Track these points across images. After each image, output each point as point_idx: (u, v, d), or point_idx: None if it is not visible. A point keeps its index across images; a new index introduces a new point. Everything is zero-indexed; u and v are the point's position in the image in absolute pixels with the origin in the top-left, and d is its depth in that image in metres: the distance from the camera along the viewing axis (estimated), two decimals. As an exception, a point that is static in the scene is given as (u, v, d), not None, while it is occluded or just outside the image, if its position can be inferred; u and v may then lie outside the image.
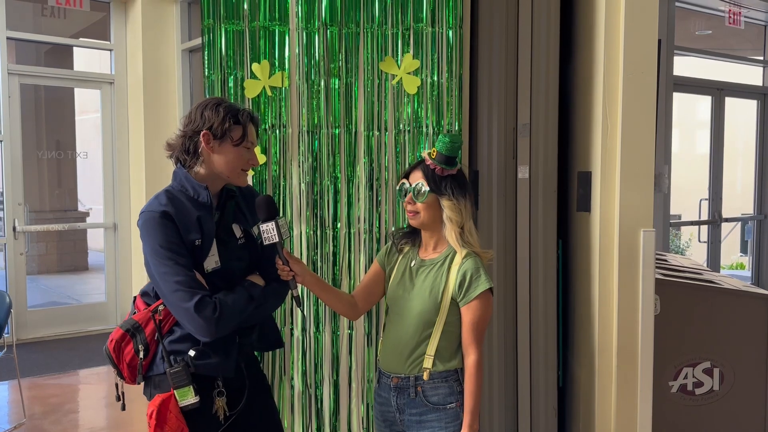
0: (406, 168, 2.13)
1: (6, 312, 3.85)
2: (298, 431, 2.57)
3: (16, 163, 5.77)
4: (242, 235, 1.93)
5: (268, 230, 1.83)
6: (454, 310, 1.92)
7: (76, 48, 7.06)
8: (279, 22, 2.49)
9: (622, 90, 2.45)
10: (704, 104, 6.78)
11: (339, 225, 2.56)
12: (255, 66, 2.48)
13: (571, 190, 2.75)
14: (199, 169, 1.86)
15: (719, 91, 6.31)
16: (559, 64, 2.66)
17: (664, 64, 4.96)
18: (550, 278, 2.68)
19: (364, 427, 2.58)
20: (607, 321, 2.52)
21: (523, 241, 2.67)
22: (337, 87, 2.52)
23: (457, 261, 1.93)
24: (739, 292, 3.05)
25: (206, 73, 2.47)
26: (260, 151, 2.49)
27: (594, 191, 2.56)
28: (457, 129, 2.52)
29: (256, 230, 1.94)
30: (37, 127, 7.29)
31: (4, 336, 3.91)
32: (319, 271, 2.55)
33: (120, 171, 6.17)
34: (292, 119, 2.52)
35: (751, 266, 7.15)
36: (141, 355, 1.81)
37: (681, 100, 6.20)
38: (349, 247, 2.56)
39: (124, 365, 1.83)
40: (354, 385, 2.57)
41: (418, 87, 2.52)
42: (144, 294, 1.91)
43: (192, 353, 1.80)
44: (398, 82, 2.53)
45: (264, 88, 2.49)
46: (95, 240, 7.40)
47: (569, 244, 2.79)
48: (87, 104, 7.47)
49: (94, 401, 4.49)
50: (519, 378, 2.70)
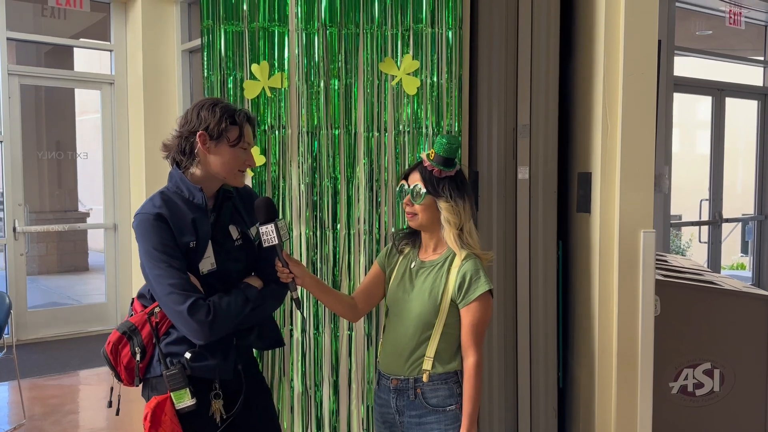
0: (406, 169, 2.12)
1: (6, 313, 3.85)
2: (298, 432, 2.57)
3: (17, 163, 5.77)
4: (239, 236, 1.93)
5: (268, 232, 1.82)
6: (454, 311, 1.92)
7: (76, 48, 7.06)
8: (278, 22, 2.49)
9: (622, 90, 2.45)
10: (705, 104, 6.77)
11: (339, 226, 2.56)
12: (254, 67, 2.47)
13: (571, 191, 2.75)
14: (195, 170, 1.85)
15: (720, 92, 6.30)
16: (559, 64, 2.66)
17: (664, 64, 4.95)
18: (550, 279, 2.67)
19: (364, 428, 2.58)
20: (607, 322, 2.51)
21: (523, 242, 2.67)
22: (336, 88, 2.52)
23: (456, 263, 1.92)
24: (739, 293, 3.04)
25: (205, 74, 2.47)
26: (259, 152, 2.49)
27: (594, 192, 2.56)
28: (456, 130, 2.52)
29: (253, 231, 1.94)
30: (37, 128, 7.29)
31: (4, 337, 3.90)
32: (319, 272, 2.55)
33: (120, 171, 6.17)
34: (292, 120, 2.52)
35: (751, 267, 7.15)
36: (138, 357, 1.80)
37: (681, 100, 6.20)
38: (349, 249, 2.56)
39: (122, 368, 1.83)
40: (354, 386, 2.57)
41: (418, 88, 2.52)
42: (141, 296, 1.91)
43: (188, 355, 1.79)
44: (398, 83, 2.53)
45: (263, 89, 2.49)
46: (95, 240, 7.39)
47: (569, 245, 2.78)
48: (87, 105, 7.46)
49: (94, 402, 4.48)
50: (519, 379, 2.70)
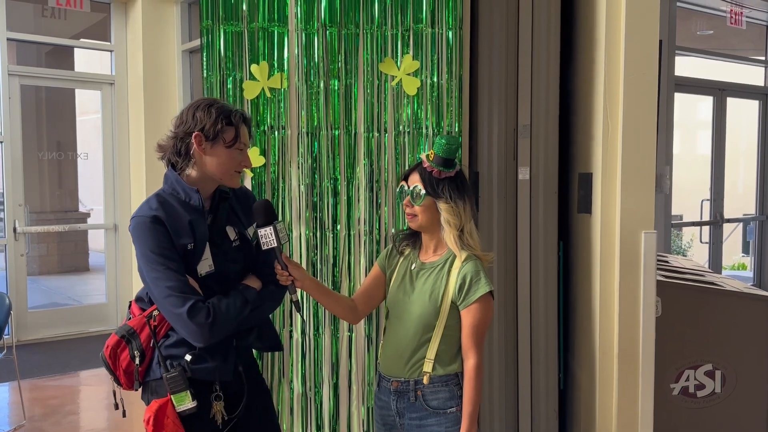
0: (406, 169, 2.12)
1: (6, 314, 3.84)
2: (298, 434, 2.56)
3: (17, 164, 5.77)
4: (237, 237, 1.91)
5: (267, 235, 1.81)
6: (454, 313, 1.91)
7: (76, 49, 7.06)
8: (278, 23, 2.48)
9: (623, 91, 2.44)
10: (706, 104, 6.76)
11: (339, 227, 2.55)
12: (254, 67, 2.47)
13: (572, 192, 2.74)
14: (191, 171, 1.84)
15: (721, 92, 6.29)
16: (560, 64, 2.65)
17: (665, 64, 4.94)
18: (550, 280, 2.66)
19: (365, 430, 2.57)
20: (608, 323, 2.51)
21: (523, 242, 2.66)
22: (336, 88, 2.51)
23: (457, 264, 1.91)
24: (741, 294, 3.03)
25: (205, 75, 2.46)
26: (259, 153, 2.48)
27: (595, 193, 2.55)
28: (457, 130, 2.51)
29: (251, 231, 1.93)
30: (37, 128, 7.29)
31: (4, 337, 3.90)
32: (319, 273, 2.54)
33: (120, 172, 6.16)
34: (291, 121, 2.51)
35: (753, 267, 7.14)
36: (137, 361, 1.79)
37: (682, 100, 6.19)
38: (349, 249, 2.55)
39: (121, 371, 1.82)
40: (354, 387, 2.56)
41: (418, 88, 2.51)
42: (139, 299, 1.89)
43: (188, 358, 1.78)
44: (398, 84, 2.52)
45: (263, 89, 2.48)
46: (96, 241, 7.39)
47: (570, 246, 2.77)
48: (88, 105, 7.47)
49: (94, 403, 4.48)
50: (520, 380, 2.69)
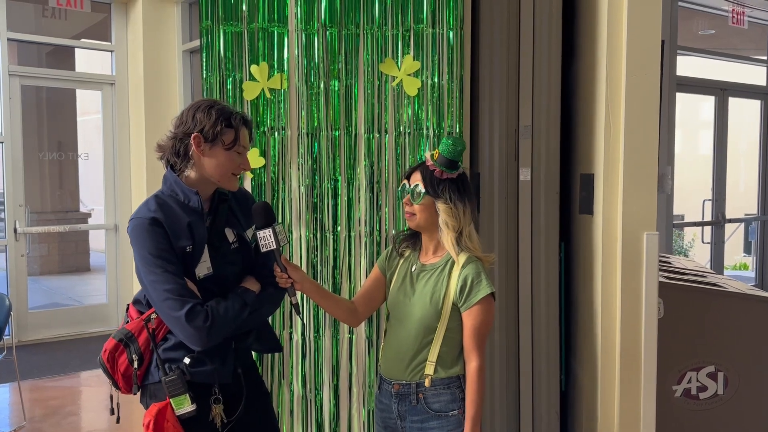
0: (407, 169, 2.11)
1: (6, 315, 3.84)
2: (298, 436, 2.55)
3: (17, 164, 5.76)
4: (235, 239, 1.90)
5: (266, 237, 1.80)
6: (456, 315, 1.90)
7: (77, 49, 7.05)
8: (278, 23, 2.47)
9: (625, 91, 2.43)
10: (707, 104, 6.75)
11: (339, 228, 2.54)
12: (254, 68, 2.46)
13: (574, 193, 2.73)
14: (190, 173, 1.82)
15: (722, 91, 6.28)
16: (561, 64, 2.64)
17: (667, 63, 4.93)
18: (552, 281, 2.65)
19: (365, 432, 2.56)
20: (610, 325, 2.49)
21: (524, 244, 2.65)
22: (336, 89, 2.50)
23: (458, 266, 1.90)
24: (743, 295, 3.02)
25: (204, 75, 2.45)
26: (259, 154, 2.47)
27: (597, 194, 2.53)
28: (458, 131, 2.50)
29: (250, 233, 1.92)
30: (38, 129, 7.29)
31: (4, 338, 3.89)
32: (319, 274, 2.53)
33: (121, 172, 6.16)
34: (291, 121, 2.50)
35: (754, 267, 7.12)
36: (135, 365, 1.78)
37: (683, 100, 6.17)
38: (350, 251, 2.54)
39: (119, 375, 1.81)
40: (355, 390, 2.55)
41: (419, 89, 2.50)
42: (136, 302, 1.88)
43: (187, 360, 1.77)
44: (398, 84, 2.51)
45: (263, 90, 2.47)
46: (97, 241, 7.39)
47: (571, 247, 2.76)
48: (89, 105, 7.46)
49: (94, 404, 4.47)
50: (521, 382, 2.68)
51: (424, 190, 1.91)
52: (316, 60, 2.48)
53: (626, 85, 2.42)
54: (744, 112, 7.03)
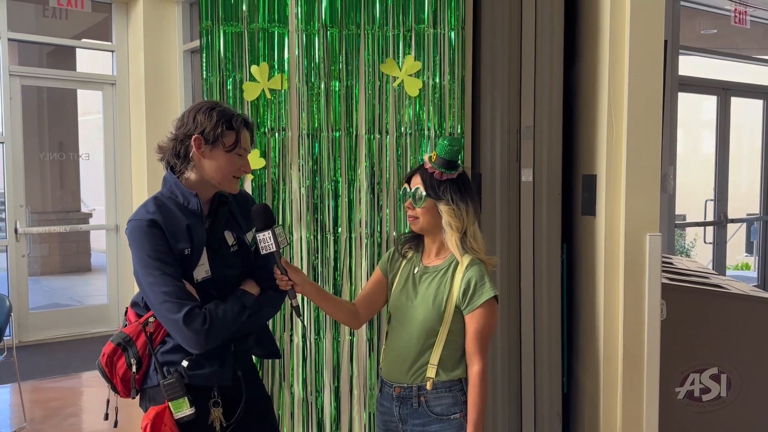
0: (408, 171, 2.09)
1: (6, 316, 3.83)
2: (299, 439, 2.54)
3: (18, 164, 5.76)
4: (235, 242, 1.89)
5: (265, 239, 1.79)
6: (458, 318, 1.88)
7: (78, 49, 7.05)
8: (278, 23, 2.46)
9: (627, 91, 2.41)
10: (709, 104, 6.73)
11: (340, 229, 2.52)
12: (254, 68, 2.44)
13: (576, 194, 2.72)
14: (190, 175, 1.81)
15: (725, 91, 6.26)
16: (564, 64, 2.62)
17: (669, 63, 4.91)
18: (554, 283, 2.64)
19: (366, 434, 2.55)
20: (613, 326, 2.48)
21: (526, 245, 2.63)
22: (337, 89, 2.49)
23: (461, 268, 1.89)
24: (747, 296, 3.00)
25: (204, 76, 2.44)
26: (259, 155, 2.46)
27: (599, 195, 2.52)
28: (459, 132, 2.49)
29: (250, 236, 1.90)
30: (39, 129, 7.29)
31: (5, 339, 3.88)
32: (320, 276, 2.52)
33: (122, 172, 6.15)
34: (292, 122, 2.49)
35: (757, 267, 7.10)
36: (134, 369, 1.77)
37: (685, 99, 6.15)
38: (350, 252, 2.53)
39: (118, 379, 1.79)
40: (355, 392, 2.54)
41: (420, 89, 2.49)
42: (134, 304, 1.87)
43: (185, 364, 1.76)
44: (399, 85, 2.50)
45: (263, 90, 2.46)
46: (98, 241, 7.38)
47: (574, 249, 2.75)
48: (90, 105, 7.46)
49: (95, 405, 4.46)
50: (523, 384, 2.66)
51: (425, 193, 1.89)
52: (317, 60, 2.47)
53: (629, 86, 2.41)
54: (746, 112, 7.01)
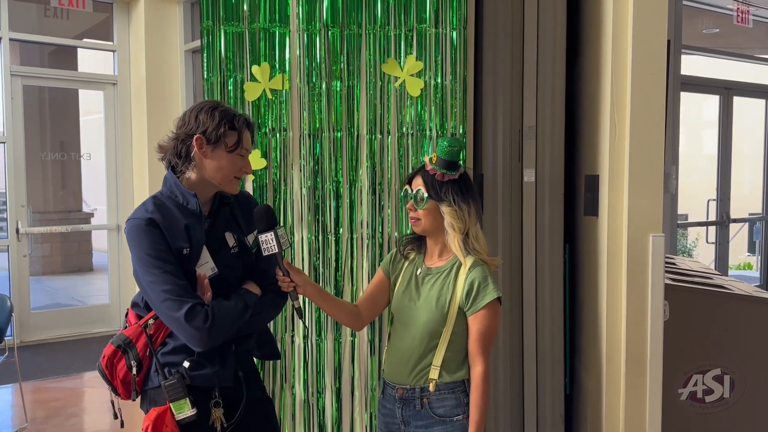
0: (409, 172, 2.09)
1: (7, 315, 3.83)
2: (300, 440, 2.54)
3: (19, 164, 5.75)
4: (235, 244, 1.88)
5: (267, 241, 1.78)
6: (461, 320, 1.87)
7: (79, 49, 7.04)
8: (279, 23, 2.45)
9: (630, 91, 2.40)
10: (712, 103, 6.71)
11: (341, 230, 2.52)
12: (255, 68, 2.44)
13: (578, 194, 2.71)
14: (190, 174, 1.80)
15: (727, 90, 6.24)
16: (566, 64, 2.61)
17: (671, 63, 4.89)
18: (556, 283, 2.63)
19: (367, 435, 2.54)
20: (616, 327, 2.47)
21: (529, 245, 2.62)
22: (338, 89, 2.48)
23: (464, 269, 1.88)
24: (750, 297, 2.99)
25: (205, 76, 2.43)
26: (260, 155, 2.45)
27: (602, 195, 2.51)
28: (461, 132, 2.48)
29: (251, 238, 1.89)
30: (41, 129, 7.29)
31: (6, 339, 3.88)
32: (321, 277, 2.51)
33: (123, 172, 6.15)
34: (293, 122, 2.48)
35: (759, 267, 7.09)
36: (134, 371, 1.76)
37: (688, 99, 6.14)
38: (352, 253, 2.52)
39: (118, 382, 1.79)
40: (357, 393, 2.53)
41: (422, 89, 2.48)
42: (135, 305, 1.86)
43: (186, 364, 1.75)
44: (401, 85, 2.49)
45: (264, 90, 2.45)
46: (100, 240, 7.38)
47: (576, 249, 2.74)
48: (91, 105, 7.46)
49: (96, 405, 4.46)
50: (525, 384, 2.66)
51: (426, 195, 1.88)
52: (318, 60, 2.46)
53: (631, 86, 2.40)
54: (749, 112, 7.00)
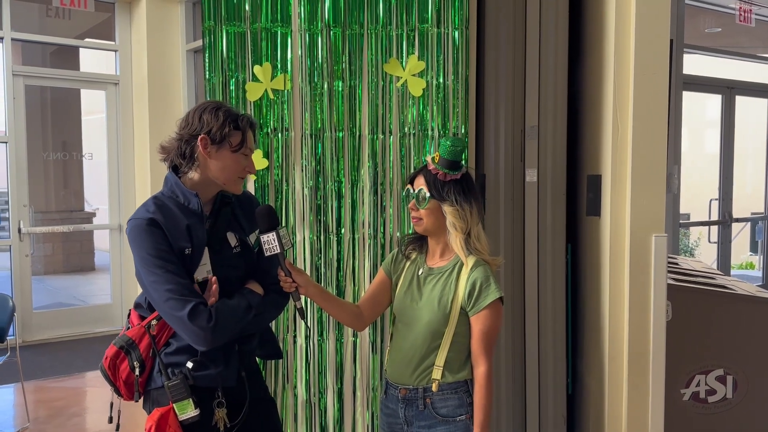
0: (411, 172, 2.08)
1: (9, 315, 3.83)
2: (302, 440, 2.53)
3: (21, 164, 5.76)
4: (237, 244, 1.87)
5: (269, 241, 1.78)
6: (464, 320, 1.87)
7: (81, 49, 7.05)
8: (281, 23, 2.45)
9: (632, 91, 2.40)
10: (714, 103, 6.70)
11: (343, 230, 2.51)
12: (257, 68, 2.43)
13: (581, 194, 2.70)
14: (193, 175, 1.80)
15: (729, 90, 6.23)
16: (568, 64, 2.61)
17: (673, 62, 4.89)
18: (558, 284, 2.62)
19: (369, 435, 2.54)
20: (618, 327, 2.47)
21: (531, 246, 2.62)
22: (340, 89, 2.48)
23: (466, 269, 1.88)
24: (752, 297, 2.99)
25: (207, 76, 2.43)
26: (262, 155, 2.45)
27: (604, 195, 2.51)
28: (463, 132, 2.47)
29: (253, 238, 1.89)
30: (42, 129, 7.29)
31: (8, 339, 3.89)
32: (323, 277, 2.51)
33: (125, 172, 6.15)
34: (295, 122, 2.48)
35: (761, 266, 7.08)
36: (137, 372, 1.76)
37: (690, 98, 6.13)
38: (354, 253, 2.52)
39: (121, 383, 1.79)
40: (359, 393, 2.53)
41: (424, 89, 2.47)
42: (137, 306, 1.86)
43: (190, 365, 1.75)
44: (403, 84, 2.48)
45: (266, 90, 2.45)
46: (102, 240, 7.39)
47: (578, 249, 2.73)
48: (93, 105, 7.46)
49: (98, 404, 4.46)
50: (527, 385, 2.65)
51: (429, 195, 1.88)
52: (320, 60, 2.46)
53: (634, 85, 2.39)
54: (751, 111, 6.99)
